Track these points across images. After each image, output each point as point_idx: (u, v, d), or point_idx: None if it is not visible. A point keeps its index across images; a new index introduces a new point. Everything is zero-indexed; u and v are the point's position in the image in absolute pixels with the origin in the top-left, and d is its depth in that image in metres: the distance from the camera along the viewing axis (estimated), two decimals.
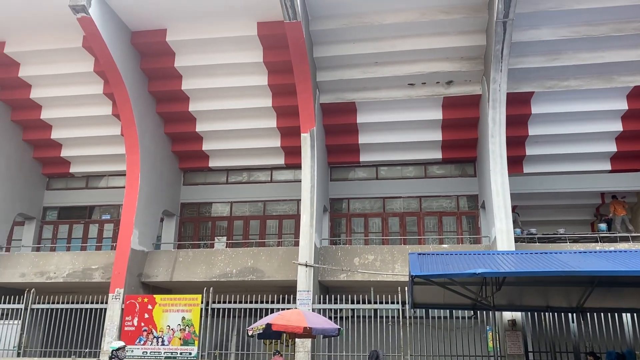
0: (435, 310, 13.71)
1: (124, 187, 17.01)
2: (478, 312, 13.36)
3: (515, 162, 17.24)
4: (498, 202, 14.48)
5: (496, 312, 13.21)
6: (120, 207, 19.09)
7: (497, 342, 13.32)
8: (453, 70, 15.97)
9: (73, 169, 20.05)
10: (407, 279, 13.70)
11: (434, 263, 10.72)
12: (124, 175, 17.56)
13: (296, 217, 18.76)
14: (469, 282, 10.79)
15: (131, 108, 16.04)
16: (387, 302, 13.83)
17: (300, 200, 15.89)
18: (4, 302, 15.77)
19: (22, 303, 15.58)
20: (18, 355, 15.12)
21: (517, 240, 14.82)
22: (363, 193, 18.81)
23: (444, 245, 16.42)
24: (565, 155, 17.21)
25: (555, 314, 13.54)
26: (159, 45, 16.32)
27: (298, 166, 17.28)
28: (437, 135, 17.54)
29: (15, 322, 15.48)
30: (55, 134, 18.93)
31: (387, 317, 13.89)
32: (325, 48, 15.95)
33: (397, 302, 13.74)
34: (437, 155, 18.08)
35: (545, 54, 15.25)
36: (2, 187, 18.08)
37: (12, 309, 15.86)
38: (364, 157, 18.33)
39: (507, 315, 13.32)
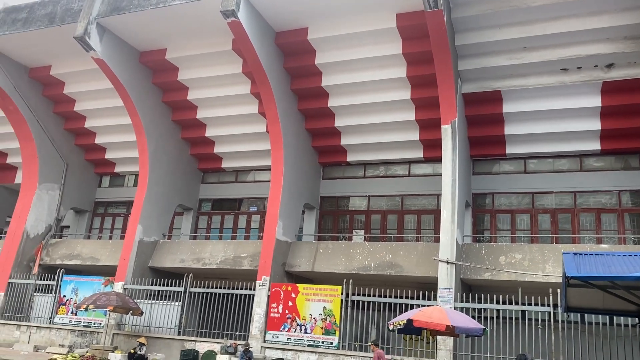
0: (592, 315, 12.48)
1: (269, 181, 17.95)
2: None
3: None
4: None
5: None
6: (266, 199, 20.17)
7: None
8: (614, 52, 14.47)
9: (224, 164, 21.63)
10: (559, 280, 12.72)
11: (592, 264, 9.74)
12: (269, 169, 18.53)
13: (436, 212, 18.30)
14: (636, 287, 9.64)
15: (276, 106, 16.82)
16: (536, 304, 12.94)
17: (440, 195, 15.44)
18: (167, 285, 17.48)
19: (182, 286, 17.16)
20: (179, 333, 16.70)
21: None
22: (509, 188, 17.76)
23: (603, 245, 14.91)
24: None
25: None
26: (300, 44, 16.89)
27: (438, 159, 16.82)
28: (595, 124, 15.99)
29: (176, 303, 17.11)
30: (209, 132, 20.57)
31: (536, 320, 13.01)
32: (468, 35, 15.34)
33: (548, 305, 12.81)
34: (595, 146, 16.48)
35: None
36: (165, 181, 20.07)
37: (174, 292, 17.55)
38: (510, 149, 17.33)
39: None
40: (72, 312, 18.55)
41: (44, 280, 19.61)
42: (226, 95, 19.11)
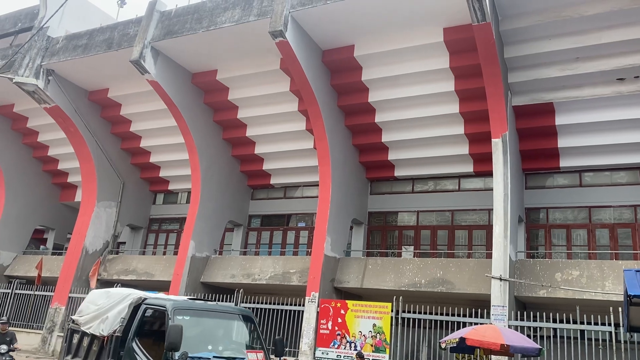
0: None
1: (317, 197, 18.04)
2: None
3: None
4: None
5: None
6: (314, 215, 20.28)
7: None
8: None
9: (273, 181, 21.93)
10: (620, 298, 12.15)
11: None
12: (317, 185, 18.63)
13: (487, 228, 17.89)
14: None
15: (323, 123, 16.98)
16: (596, 323, 12.39)
17: (491, 209, 15.08)
18: (218, 300, 17.71)
19: (233, 302, 17.39)
20: None
21: None
22: (564, 202, 17.18)
23: None
24: None
25: None
26: (347, 61, 17.03)
27: (488, 174, 16.49)
28: None
29: None
30: (258, 150, 20.94)
31: (596, 340, 12.44)
32: (518, 47, 15.06)
33: (609, 324, 12.23)
34: None
35: None
36: (216, 198, 20.52)
37: None
38: (564, 162, 16.80)
39: None
40: None
41: None
42: (274, 113, 19.45)
